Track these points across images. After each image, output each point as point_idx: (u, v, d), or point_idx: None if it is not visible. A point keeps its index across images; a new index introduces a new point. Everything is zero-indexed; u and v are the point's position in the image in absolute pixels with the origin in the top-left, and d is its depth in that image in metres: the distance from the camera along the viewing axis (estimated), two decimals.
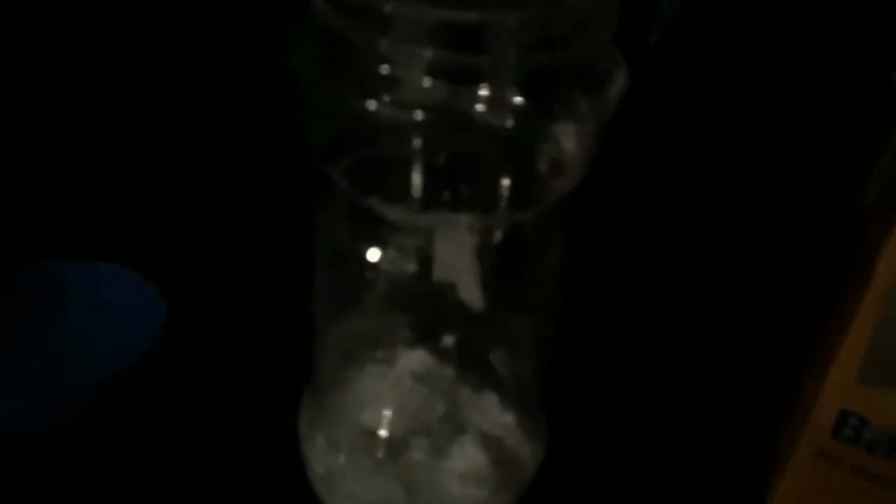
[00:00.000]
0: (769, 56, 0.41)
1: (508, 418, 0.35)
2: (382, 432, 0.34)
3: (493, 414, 0.36)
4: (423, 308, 0.34)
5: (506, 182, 0.27)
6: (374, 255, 0.30)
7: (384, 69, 0.24)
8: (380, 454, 0.33)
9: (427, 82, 0.24)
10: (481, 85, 0.24)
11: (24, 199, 0.48)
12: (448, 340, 0.36)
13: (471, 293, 0.31)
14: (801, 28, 0.38)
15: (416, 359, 0.36)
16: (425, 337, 0.36)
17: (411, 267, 0.30)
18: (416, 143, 0.26)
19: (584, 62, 0.25)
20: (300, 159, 0.29)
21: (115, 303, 0.41)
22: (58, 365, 0.38)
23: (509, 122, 0.26)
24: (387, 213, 0.27)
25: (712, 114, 0.44)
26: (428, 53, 0.24)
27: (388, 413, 0.35)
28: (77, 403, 0.35)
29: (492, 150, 0.27)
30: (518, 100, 0.25)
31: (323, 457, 0.34)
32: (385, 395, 0.35)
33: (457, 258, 0.30)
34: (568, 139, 0.27)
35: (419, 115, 0.24)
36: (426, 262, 0.30)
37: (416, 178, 0.26)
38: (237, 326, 0.42)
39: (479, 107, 0.25)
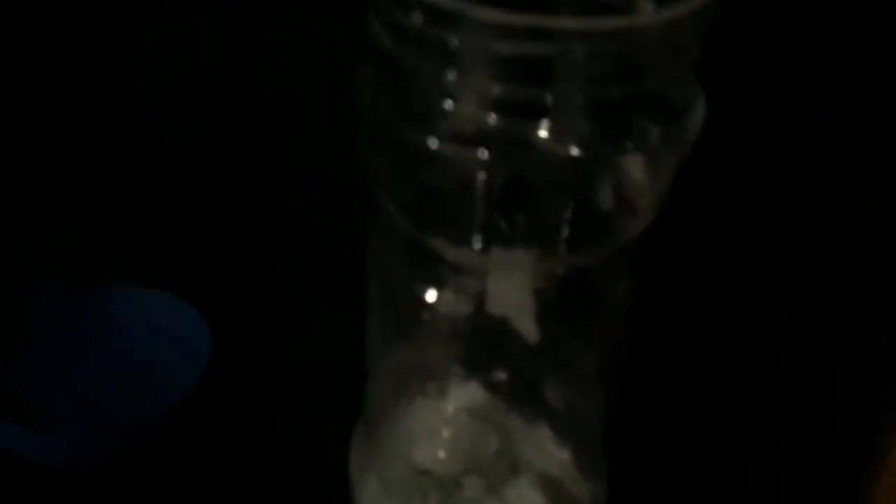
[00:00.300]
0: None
1: (564, 455, 0.34)
2: (435, 471, 0.33)
3: (548, 449, 0.34)
4: (475, 340, 0.33)
5: (570, 223, 0.26)
6: (430, 295, 0.28)
7: (448, 104, 0.23)
8: (433, 495, 0.32)
9: (492, 118, 0.23)
10: (548, 119, 0.23)
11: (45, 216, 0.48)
12: (501, 374, 0.34)
13: (525, 326, 0.30)
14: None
15: (468, 393, 0.34)
16: (478, 370, 0.34)
17: (467, 308, 0.29)
18: (479, 180, 0.24)
19: (660, 92, 0.24)
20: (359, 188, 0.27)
21: (161, 329, 0.40)
22: (106, 398, 0.37)
23: (576, 156, 0.24)
24: (448, 254, 0.26)
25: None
26: (495, 88, 0.22)
27: (440, 450, 0.33)
28: (125, 442, 0.34)
29: (557, 187, 0.25)
30: (586, 131, 0.24)
31: (374, 497, 0.33)
32: (437, 431, 0.34)
33: (512, 291, 0.29)
34: (637, 171, 0.25)
35: (483, 153, 0.23)
36: (481, 295, 0.29)
37: (479, 219, 0.25)
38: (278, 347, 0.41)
39: (545, 141, 0.24)
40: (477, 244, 0.25)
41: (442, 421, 0.34)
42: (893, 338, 0.37)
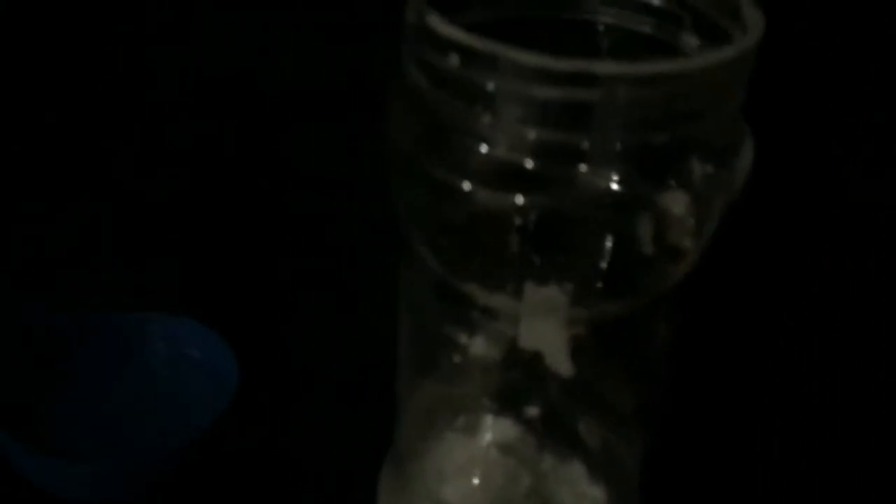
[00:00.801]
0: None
1: (597, 492, 0.33)
2: None
3: (580, 487, 0.33)
4: (508, 375, 0.32)
5: (609, 266, 0.25)
6: (462, 338, 0.28)
7: (483, 147, 0.22)
8: None
9: (529, 163, 0.22)
10: (587, 164, 0.22)
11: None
12: (533, 409, 0.33)
13: (559, 362, 0.29)
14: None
15: (500, 429, 0.34)
16: (510, 405, 0.34)
17: (500, 352, 0.28)
18: (515, 225, 0.23)
19: (706, 133, 0.23)
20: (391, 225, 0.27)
21: (188, 356, 0.39)
22: (132, 427, 0.37)
23: (615, 196, 0.23)
24: (481, 299, 0.25)
25: None
26: (532, 132, 0.21)
27: (470, 488, 0.33)
28: (152, 473, 0.34)
29: (595, 228, 0.25)
30: (626, 171, 0.23)
31: None
32: (468, 468, 0.33)
33: (545, 326, 0.28)
34: (680, 209, 0.24)
35: (518, 198, 0.22)
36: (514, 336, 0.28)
37: (514, 264, 0.24)
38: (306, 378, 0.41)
39: (583, 182, 0.23)
40: (511, 290, 0.24)
41: (472, 458, 0.33)
42: None
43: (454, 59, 0.22)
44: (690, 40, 0.26)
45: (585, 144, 0.22)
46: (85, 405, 0.38)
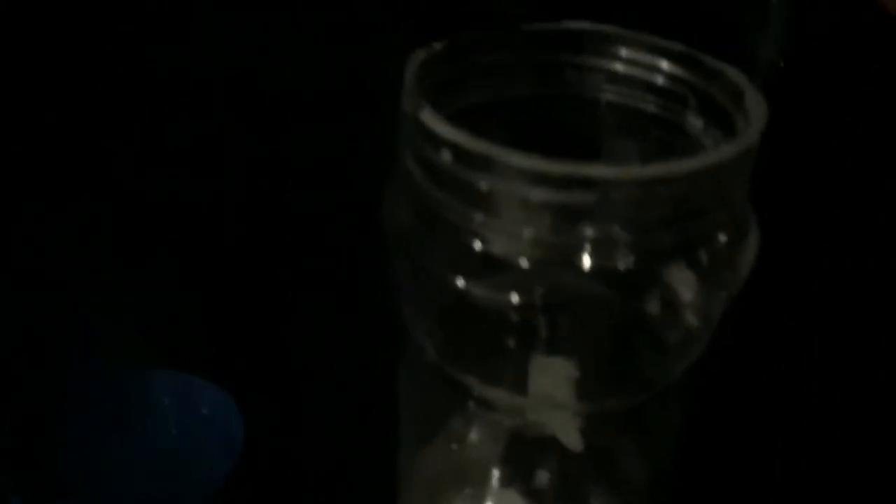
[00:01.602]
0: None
1: None
2: None
3: None
4: (515, 445, 0.32)
5: (612, 360, 0.24)
6: (460, 426, 0.27)
7: (478, 245, 0.22)
8: None
9: (524, 262, 0.21)
10: (585, 257, 0.22)
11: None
12: (542, 479, 0.33)
13: (568, 434, 0.28)
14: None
15: (506, 501, 0.33)
16: (517, 475, 0.33)
17: (499, 442, 0.27)
18: (512, 321, 0.23)
19: (710, 228, 0.22)
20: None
21: (196, 413, 0.39)
22: (140, 486, 0.37)
23: (615, 294, 0.23)
24: (479, 391, 0.24)
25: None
26: (527, 233, 0.21)
27: None
28: None
29: (596, 322, 0.24)
30: (629, 263, 0.22)
31: None
32: None
33: (553, 395, 0.27)
34: (688, 293, 0.23)
35: (514, 296, 0.22)
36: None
37: (514, 359, 0.23)
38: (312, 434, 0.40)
39: (582, 279, 0.22)
40: (510, 383, 0.24)
41: None
42: None
43: (447, 156, 0.21)
44: (695, 122, 0.25)
45: (584, 243, 0.21)
46: (90, 460, 0.38)
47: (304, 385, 0.42)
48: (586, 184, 0.20)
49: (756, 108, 0.22)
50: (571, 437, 0.28)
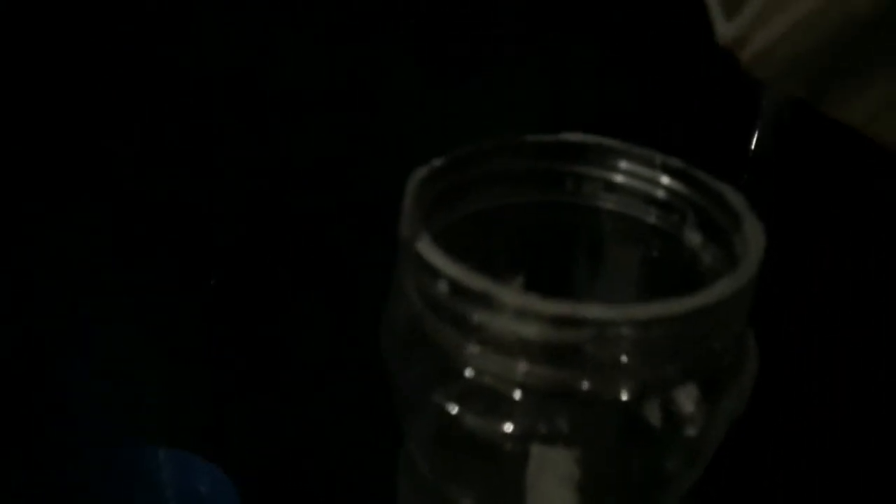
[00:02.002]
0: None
1: None
2: None
3: None
4: None
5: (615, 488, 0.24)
6: None
7: (469, 373, 0.22)
8: None
9: (518, 394, 0.21)
10: (581, 390, 0.21)
11: None
12: None
13: None
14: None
15: None
16: None
17: None
18: (507, 449, 0.23)
19: (709, 357, 0.22)
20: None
21: (192, 492, 0.39)
22: None
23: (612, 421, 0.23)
24: None
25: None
26: (521, 367, 0.21)
27: None
28: None
29: (595, 448, 0.24)
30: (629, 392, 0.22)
31: None
32: None
33: (554, 492, 0.27)
34: (690, 405, 0.23)
35: (508, 427, 0.22)
36: None
37: (511, 482, 0.23)
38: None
39: (579, 410, 0.22)
40: None
41: None
42: None
43: (444, 287, 0.21)
44: (693, 236, 0.25)
45: (578, 378, 0.21)
46: None
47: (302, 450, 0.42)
48: (582, 323, 0.20)
49: (754, 236, 0.22)
50: None
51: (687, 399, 0.23)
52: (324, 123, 0.48)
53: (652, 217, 0.26)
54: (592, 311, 0.20)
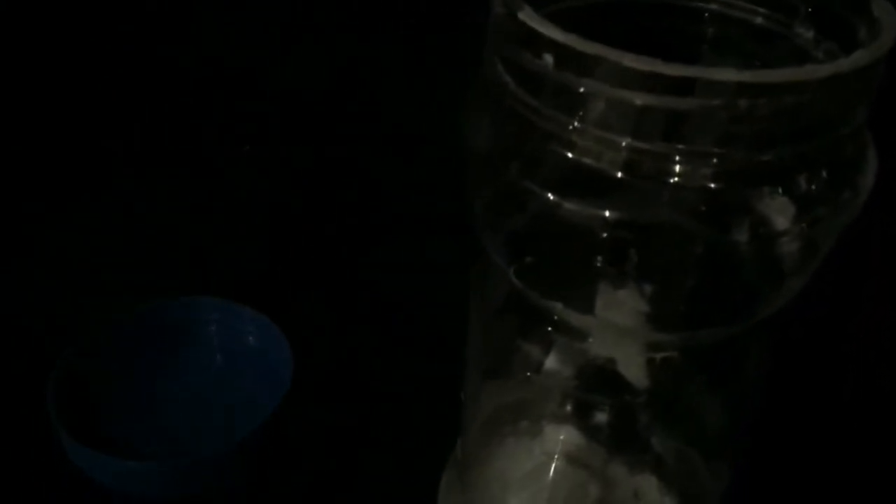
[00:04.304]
0: None
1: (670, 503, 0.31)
2: None
3: (651, 497, 0.32)
4: (579, 381, 0.31)
5: (697, 292, 0.22)
6: (535, 353, 0.26)
7: (571, 156, 0.20)
8: None
9: (618, 173, 0.20)
10: (684, 178, 0.20)
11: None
12: (601, 417, 0.32)
13: (633, 371, 0.27)
14: None
15: (565, 436, 0.32)
16: (576, 411, 0.32)
17: (573, 369, 0.26)
18: (599, 240, 0.21)
19: (824, 150, 0.20)
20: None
21: (243, 343, 0.38)
22: (191, 419, 0.36)
23: (711, 209, 0.21)
24: (559, 315, 0.23)
25: None
26: (627, 142, 0.19)
27: (536, 497, 0.31)
28: (210, 470, 0.33)
29: (687, 248, 0.22)
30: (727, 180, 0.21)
31: None
32: (533, 476, 0.32)
33: (620, 331, 0.26)
34: (783, 220, 0.22)
35: (606, 212, 0.20)
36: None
37: (596, 282, 0.22)
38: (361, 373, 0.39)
39: (677, 198, 0.20)
40: (590, 308, 0.22)
41: (538, 466, 0.32)
42: None
43: (548, 59, 0.19)
44: (805, 33, 0.23)
45: (682, 154, 0.19)
46: (141, 394, 0.37)
47: (353, 321, 0.41)
48: (698, 90, 0.18)
49: (887, 18, 0.20)
50: (636, 372, 0.27)
51: (779, 213, 0.21)
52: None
53: (760, 17, 0.24)
54: (721, 73, 0.18)
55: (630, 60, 0.18)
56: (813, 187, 0.21)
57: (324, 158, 0.50)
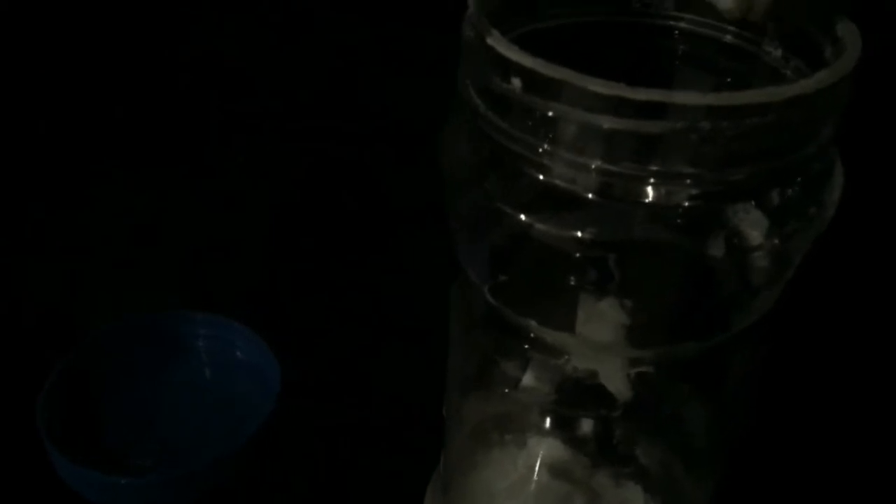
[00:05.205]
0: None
1: None
2: None
3: None
4: (562, 393, 0.31)
5: (673, 308, 0.23)
6: (513, 370, 0.26)
7: (541, 178, 0.20)
8: None
9: (591, 196, 0.20)
10: (656, 198, 0.20)
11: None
12: (586, 428, 0.32)
13: (615, 383, 0.27)
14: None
15: (549, 448, 0.32)
16: (559, 424, 0.32)
17: (552, 386, 0.26)
18: (573, 259, 0.21)
19: (793, 166, 0.21)
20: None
21: (232, 357, 0.39)
22: (180, 430, 0.36)
23: (686, 228, 0.21)
24: (536, 333, 0.23)
25: None
26: (596, 165, 0.19)
27: None
28: (200, 482, 0.33)
29: (661, 265, 0.22)
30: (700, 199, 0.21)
31: None
32: (518, 488, 0.32)
33: (600, 338, 0.26)
34: (756, 234, 0.22)
35: (577, 232, 0.20)
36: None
37: (573, 300, 0.22)
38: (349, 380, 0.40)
39: (649, 217, 0.21)
40: (568, 325, 0.23)
41: (522, 478, 0.32)
42: None
43: (516, 83, 0.20)
44: (774, 51, 0.23)
45: (652, 175, 0.20)
46: (131, 407, 0.37)
47: (340, 329, 0.42)
48: (666, 112, 0.18)
49: (850, 37, 0.20)
50: (619, 385, 0.27)
51: (752, 228, 0.21)
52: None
53: (728, 35, 0.24)
54: (686, 97, 0.18)
55: (595, 85, 0.18)
56: (786, 201, 0.21)
57: (323, 158, 0.50)
